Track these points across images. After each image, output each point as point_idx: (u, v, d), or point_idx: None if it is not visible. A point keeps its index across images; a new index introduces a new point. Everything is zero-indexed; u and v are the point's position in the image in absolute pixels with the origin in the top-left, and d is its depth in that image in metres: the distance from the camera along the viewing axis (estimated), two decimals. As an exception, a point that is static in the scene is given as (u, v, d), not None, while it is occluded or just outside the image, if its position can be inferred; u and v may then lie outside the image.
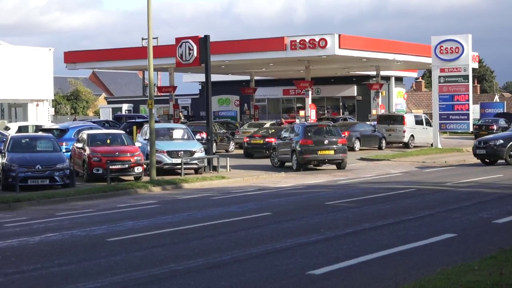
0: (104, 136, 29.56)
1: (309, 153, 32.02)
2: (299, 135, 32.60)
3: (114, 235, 15.04)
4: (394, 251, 12.68)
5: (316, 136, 32.73)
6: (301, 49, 45.51)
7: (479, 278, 9.57)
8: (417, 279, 9.76)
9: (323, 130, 33.92)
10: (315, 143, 32.09)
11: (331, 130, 33.97)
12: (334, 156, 32.46)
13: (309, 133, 32.73)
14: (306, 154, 31.93)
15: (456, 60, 47.15)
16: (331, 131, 33.80)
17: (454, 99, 47.53)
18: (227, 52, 46.67)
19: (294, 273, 11.02)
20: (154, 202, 21.69)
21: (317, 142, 32.16)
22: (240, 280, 10.68)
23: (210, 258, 12.26)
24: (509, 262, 10.62)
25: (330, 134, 33.31)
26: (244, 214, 17.98)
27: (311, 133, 32.80)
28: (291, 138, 33.21)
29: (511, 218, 16.41)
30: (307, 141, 31.99)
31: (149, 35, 28.31)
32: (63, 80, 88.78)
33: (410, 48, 51.92)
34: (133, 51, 53.09)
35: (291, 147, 32.67)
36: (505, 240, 13.11)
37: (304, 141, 31.97)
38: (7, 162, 24.80)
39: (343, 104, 64.74)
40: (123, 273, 11.14)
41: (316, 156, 32.22)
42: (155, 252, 13.04)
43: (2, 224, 17.29)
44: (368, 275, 10.85)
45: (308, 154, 32.00)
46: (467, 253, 12.03)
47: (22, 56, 47.32)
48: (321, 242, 13.77)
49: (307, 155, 32.00)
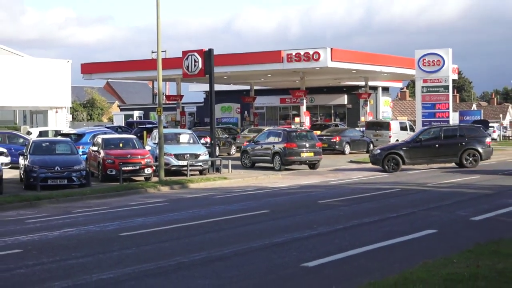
0: (117, 140, 29.56)
1: (294, 155, 32.80)
2: (282, 140, 33.24)
3: (125, 231, 15.05)
4: (380, 245, 12.70)
5: (298, 140, 33.40)
6: (297, 62, 45.51)
7: (458, 270, 9.59)
8: (401, 271, 9.77)
9: (303, 135, 34.69)
10: (298, 147, 32.97)
11: (309, 135, 35.04)
12: (314, 157, 33.57)
13: (292, 138, 33.35)
14: (291, 156, 32.71)
15: (438, 72, 47.20)
16: (309, 136, 34.89)
17: (435, 107, 47.59)
18: (229, 64, 46.67)
19: (289, 265, 11.05)
20: (163, 200, 21.68)
21: (300, 146, 33.06)
22: (241, 272, 10.70)
23: (213, 252, 12.27)
24: (485, 256, 10.64)
25: (309, 138, 34.30)
26: (244, 211, 17.98)
27: (293, 138, 33.41)
28: (270, 142, 33.94)
29: (487, 216, 16.43)
30: (291, 145, 32.76)
31: (158, 49, 28.31)
32: (80, 89, 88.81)
33: (395, 61, 51.95)
34: (144, 63, 53.06)
35: (272, 150, 33.23)
36: (481, 235, 13.11)
37: (289, 144, 32.69)
38: (29, 163, 24.81)
39: (334, 111, 64.70)
40: (134, 265, 11.15)
41: (300, 157, 33.07)
42: (163, 246, 13.06)
43: (24, 220, 17.30)
44: (357, 267, 10.88)
45: (292, 156, 32.76)
46: (447, 248, 12.03)
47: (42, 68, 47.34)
48: (314, 237, 13.79)
49: (292, 157, 32.76)
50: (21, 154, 27.63)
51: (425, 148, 32.18)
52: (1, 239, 14.22)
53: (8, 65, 45.57)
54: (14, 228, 15.98)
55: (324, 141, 43.88)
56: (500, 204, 18.64)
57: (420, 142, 32.35)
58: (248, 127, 53.79)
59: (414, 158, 31.93)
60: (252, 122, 58.73)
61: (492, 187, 23.45)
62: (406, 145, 32.71)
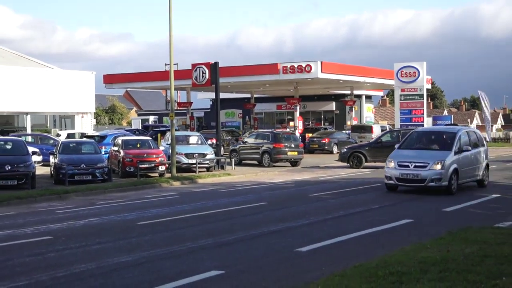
0: (135, 142, 29.54)
1: (281, 153, 33.47)
2: (270, 140, 33.80)
3: (142, 220, 15.06)
4: (364, 233, 12.73)
5: (284, 141, 33.94)
6: (291, 73, 45.49)
7: (431, 254, 9.61)
8: (382, 255, 9.79)
9: (288, 137, 35.16)
10: (285, 146, 33.59)
11: (293, 137, 35.79)
12: (298, 156, 34.26)
13: (279, 139, 33.89)
14: (279, 154, 33.40)
15: (414, 82, 47.19)
16: (293, 138, 35.61)
17: (412, 113, 47.57)
18: (232, 75, 46.62)
19: (285, 250, 11.06)
20: (174, 193, 21.70)
21: (286, 146, 33.65)
22: (242, 255, 10.72)
23: (218, 238, 12.29)
24: (455, 242, 10.66)
25: (293, 140, 34.99)
26: (245, 203, 18.01)
27: (281, 139, 33.92)
28: (259, 143, 34.43)
29: (457, 207, 16.48)
30: (279, 145, 33.39)
31: (171, 62, 28.32)
32: (102, 97, 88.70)
33: (377, 72, 51.91)
34: (158, 74, 52.99)
35: (261, 149, 33.74)
36: (451, 224, 13.13)
37: (277, 144, 33.36)
38: (58, 161, 24.83)
39: (324, 116, 64.65)
40: (150, 249, 11.17)
41: (286, 156, 33.74)
42: (175, 233, 13.08)
43: (54, 211, 17.32)
44: (344, 252, 10.90)
45: (280, 154, 33.45)
46: (422, 235, 12.07)
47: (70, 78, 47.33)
48: (306, 225, 13.81)
49: (280, 155, 33.45)
50: (51, 154, 27.64)
51: (384, 148, 32.20)
52: (35, 227, 14.24)
53: (40, 76, 45.56)
54: (45, 217, 16.00)
55: (315, 142, 44.03)
56: (469, 196, 18.71)
57: (381, 143, 32.74)
58: (248, 130, 53.74)
59: (375, 157, 32.17)
60: (252, 126, 58.65)
61: (461, 182, 23.45)
62: (369, 146, 33.29)
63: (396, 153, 20.46)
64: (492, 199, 18.36)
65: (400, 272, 8.36)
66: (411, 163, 19.29)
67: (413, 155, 19.84)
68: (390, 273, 8.31)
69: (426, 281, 7.88)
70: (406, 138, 21.55)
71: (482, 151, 21.67)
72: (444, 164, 18.81)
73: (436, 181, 18.84)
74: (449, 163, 18.94)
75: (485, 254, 9.47)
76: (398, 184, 19.89)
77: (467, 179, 20.55)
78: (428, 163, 18.96)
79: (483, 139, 22.59)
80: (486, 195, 18.78)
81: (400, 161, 19.56)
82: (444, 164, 18.81)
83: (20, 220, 15.60)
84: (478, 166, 21.06)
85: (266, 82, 49.82)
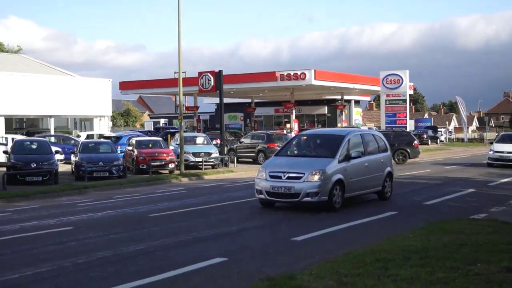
0: (147, 142, 29.52)
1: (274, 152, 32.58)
2: (265, 140, 33.59)
3: (154, 212, 15.06)
4: (354, 223, 12.72)
5: (277, 141, 33.55)
6: (287, 80, 45.55)
7: (413, 242, 9.61)
8: (370, 244, 9.80)
9: (280, 137, 34.95)
10: (278, 146, 32.83)
11: (284, 138, 35.20)
12: None
13: (272, 139, 33.74)
14: (272, 153, 32.47)
15: (398, 88, 47.31)
16: (284, 138, 35.05)
17: (396, 116, 47.72)
18: (234, 82, 46.67)
19: (282, 239, 11.05)
20: (183, 188, 21.69)
21: (279, 145, 32.74)
22: (244, 244, 10.72)
23: (222, 229, 12.29)
24: (434, 232, 10.67)
25: (285, 140, 34.04)
26: (246, 197, 17.95)
27: (274, 139, 33.75)
28: (254, 143, 34.26)
29: (436, 201, 16.47)
30: (273, 144, 33.01)
31: (180, 70, 28.32)
32: (118, 102, 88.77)
33: (365, 79, 51.96)
34: (168, 82, 53.07)
35: (257, 148, 33.58)
36: (431, 216, 13.13)
37: (271, 144, 33.03)
38: (79, 160, 24.82)
39: (317, 119, 64.60)
40: (160, 239, 11.18)
41: None
42: (183, 225, 13.07)
43: (75, 204, 17.32)
44: (337, 241, 10.89)
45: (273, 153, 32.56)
46: (405, 225, 12.06)
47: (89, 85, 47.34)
48: (302, 217, 13.78)
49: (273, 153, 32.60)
50: (72, 153, 27.65)
51: None
52: (57, 218, 14.24)
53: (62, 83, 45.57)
54: (67, 210, 16.01)
55: (309, 142, 44.02)
56: (446, 191, 18.70)
57: None
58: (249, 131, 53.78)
59: None
60: (252, 127, 58.65)
61: (441, 178, 23.49)
62: None
63: (270, 161, 15.72)
64: (468, 193, 18.36)
65: (386, 259, 8.36)
66: (284, 174, 14.31)
67: (288, 164, 14.90)
68: (377, 260, 8.31)
69: (409, 267, 7.88)
70: (288, 143, 16.67)
71: (383, 157, 16.69)
72: (324, 175, 13.98)
73: (312, 195, 13.94)
74: (330, 173, 14.13)
75: (462, 243, 9.47)
76: (270, 199, 14.68)
77: (360, 191, 15.77)
78: (304, 173, 14.05)
79: (386, 143, 17.27)
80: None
81: (272, 171, 14.61)
82: (324, 175, 13.98)
83: (44, 212, 15.61)
84: (376, 175, 16.09)
85: (265, 88, 49.88)
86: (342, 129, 23.24)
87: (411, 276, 7.42)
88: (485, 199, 16.90)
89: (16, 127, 43.62)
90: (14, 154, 23.81)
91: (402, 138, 33.36)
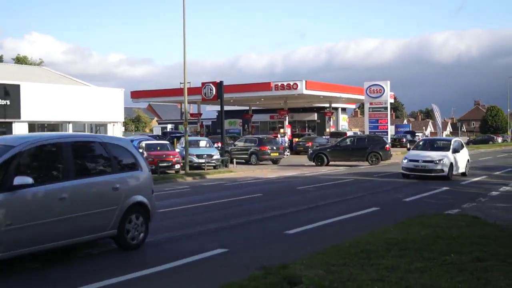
0: (155, 145, 29.50)
1: (266, 154, 33.97)
2: (257, 143, 34.23)
3: (162, 208, 14.99)
4: (341, 218, 12.72)
5: (268, 144, 34.25)
6: (281, 90, 45.51)
7: (394, 235, 9.60)
8: (355, 236, 9.78)
9: (271, 141, 35.40)
10: (269, 149, 34.01)
11: (274, 141, 36.16)
12: (278, 156, 34.83)
13: (264, 142, 34.31)
14: (264, 155, 33.93)
15: (380, 97, 47.30)
16: (274, 142, 35.98)
17: (378, 122, 47.71)
18: (234, 91, 46.58)
19: (276, 232, 11.03)
20: (187, 187, 21.66)
21: (270, 148, 34.13)
22: (241, 237, 10.70)
23: (222, 223, 12.26)
24: (413, 226, 10.66)
25: (274, 143, 35.50)
26: (244, 194, 17.99)
27: (265, 143, 34.32)
28: (247, 146, 34.76)
29: (415, 198, 16.49)
30: (264, 147, 33.79)
31: (185, 81, 28.31)
32: (130, 109, 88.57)
33: (350, 89, 51.96)
34: (174, 91, 52.93)
35: (249, 151, 34.10)
36: (411, 212, 13.12)
37: (263, 147, 33.76)
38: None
39: (308, 125, 64.52)
40: (167, 232, 11.13)
41: (270, 156, 34.22)
42: (187, 219, 13.03)
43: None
44: (325, 234, 10.87)
45: (265, 155, 33.96)
46: (387, 220, 12.05)
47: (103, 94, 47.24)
48: (294, 213, 13.79)
49: (265, 155, 33.95)
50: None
51: (342, 150, 32.63)
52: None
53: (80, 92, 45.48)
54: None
55: (301, 146, 44.04)
56: (423, 189, 18.71)
57: (339, 147, 33.15)
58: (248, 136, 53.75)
59: (335, 157, 32.54)
60: (250, 132, 58.62)
61: (418, 178, 23.46)
62: (330, 148, 33.68)
63: None
64: (442, 191, 18.36)
65: (369, 250, 8.34)
66: None
67: None
68: (361, 251, 8.30)
69: (390, 257, 7.87)
70: None
71: None
72: None
73: None
74: None
75: (438, 236, 9.46)
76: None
77: None
78: None
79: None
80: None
81: None
82: None
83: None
84: None
85: (261, 97, 49.83)
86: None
87: (392, 265, 7.40)
88: (458, 196, 16.90)
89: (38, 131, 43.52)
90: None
91: (375, 142, 33.52)
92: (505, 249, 8.44)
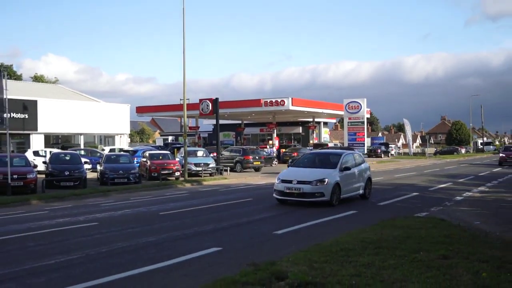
0: (158, 154, 29.44)
1: (249, 163, 34.15)
2: (241, 153, 34.50)
3: (163, 211, 14.97)
4: (323, 220, 12.70)
5: (251, 154, 34.61)
6: (270, 106, 45.61)
7: (369, 235, 9.63)
8: (335, 236, 9.79)
9: (253, 151, 35.65)
10: (252, 158, 34.29)
11: (257, 152, 36.37)
12: (260, 164, 35.03)
13: (247, 152, 34.64)
14: (247, 163, 34.07)
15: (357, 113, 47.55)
16: (256, 152, 36.15)
17: (356, 135, 47.95)
18: (228, 107, 46.70)
19: (265, 233, 11.02)
20: (186, 192, 21.59)
21: (253, 157, 34.39)
22: (234, 237, 10.67)
23: (216, 225, 12.22)
24: (386, 227, 10.69)
25: (257, 153, 35.71)
26: (237, 199, 17.96)
27: (248, 153, 34.62)
28: (233, 155, 34.87)
29: (388, 202, 16.50)
30: (248, 157, 34.05)
31: (184, 97, 28.32)
32: (135, 123, 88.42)
33: (331, 106, 52.18)
34: (175, 107, 52.78)
35: (234, 160, 34.25)
36: (384, 215, 13.17)
37: (246, 157, 34.06)
38: (103, 168, 24.67)
39: (293, 137, 64.69)
40: (167, 232, 11.10)
41: (253, 165, 34.32)
42: (186, 221, 12.98)
43: (100, 204, 17.18)
44: (308, 234, 10.86)
45: (248, 164, 34.11)
46: (363, 222, 12.07)
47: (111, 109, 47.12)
48: (281, 215, 13.77)
49: (248, 164, 34.10)
50: (98, 163, 27.47)
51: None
52: (85, 216, 14.10)
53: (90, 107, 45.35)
54: (93, 209, 15.86)
55: (287, 155, 44.05)
56: (396, 194, 18.75)
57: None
58: (240, 146, 53.65)
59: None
60: (242, 143, 58.61)
61: (391, 184, 23.54)
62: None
63: None
64: (413, 196, 18.41)
65: (348, 249, 8.36)
66: None
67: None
68: (341, 250, 8.31)
69: (366, 255, 7.89)
70: None
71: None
72: None
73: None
74: None
75: (408, 236, 9.50)
76: None
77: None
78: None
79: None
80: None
81: None
82: None
83: (75, 210, 15.46)
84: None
85: (252, 112, 49.92)
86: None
87: (368, 262, 7.43)
88: (426, 201, 16.96)
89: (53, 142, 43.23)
90: (51, 164, 23.67)
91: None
92: (468, 248, 8.49)
